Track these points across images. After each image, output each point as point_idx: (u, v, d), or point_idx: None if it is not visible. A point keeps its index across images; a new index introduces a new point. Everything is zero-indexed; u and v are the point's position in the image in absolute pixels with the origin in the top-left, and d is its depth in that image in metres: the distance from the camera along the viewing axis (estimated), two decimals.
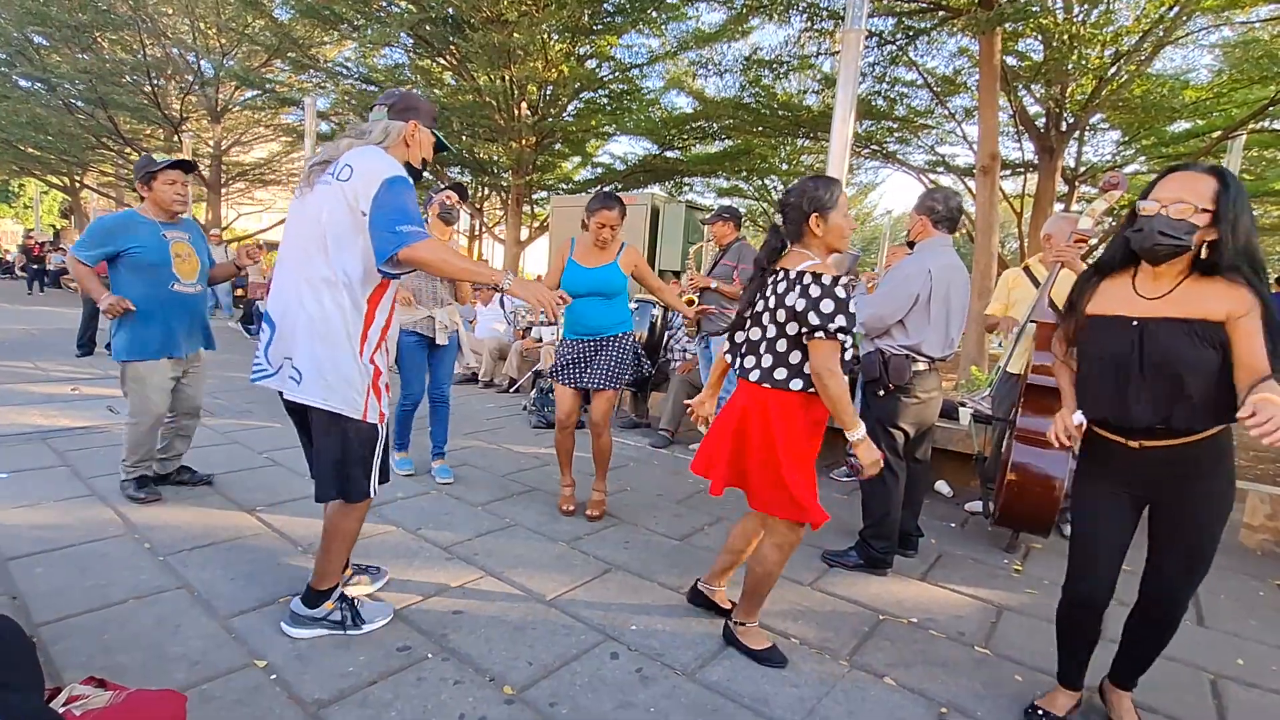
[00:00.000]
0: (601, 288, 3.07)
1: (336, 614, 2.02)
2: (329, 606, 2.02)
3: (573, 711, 1.75)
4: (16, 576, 2.23)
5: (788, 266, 1.92)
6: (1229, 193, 1.43)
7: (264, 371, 1.95)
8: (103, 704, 1.28)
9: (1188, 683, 2.10)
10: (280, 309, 1.90)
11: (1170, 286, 1.54)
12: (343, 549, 2.02)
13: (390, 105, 1.99)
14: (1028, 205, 11.05)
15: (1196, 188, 1.45)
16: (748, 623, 2.09)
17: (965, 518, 3.61)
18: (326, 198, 1.81)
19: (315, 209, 1.83)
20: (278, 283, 1.93)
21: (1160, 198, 1.49)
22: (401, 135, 1.96)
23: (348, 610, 2.04)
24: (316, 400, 1.85)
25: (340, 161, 1.83)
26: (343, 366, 1.84)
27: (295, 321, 1.85)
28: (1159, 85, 9.46)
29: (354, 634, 2.02)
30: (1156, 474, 1.61)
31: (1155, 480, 1.63)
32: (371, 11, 10.45)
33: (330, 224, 1.80)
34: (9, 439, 3.74)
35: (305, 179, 1.89)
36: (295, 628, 2.00)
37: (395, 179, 1.78)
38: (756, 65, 10.32)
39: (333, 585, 2.03)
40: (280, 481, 3.40)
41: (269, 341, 1.93)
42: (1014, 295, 3.40)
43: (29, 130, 14.47)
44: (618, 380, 3.10)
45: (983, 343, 7.06)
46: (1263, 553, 3.33)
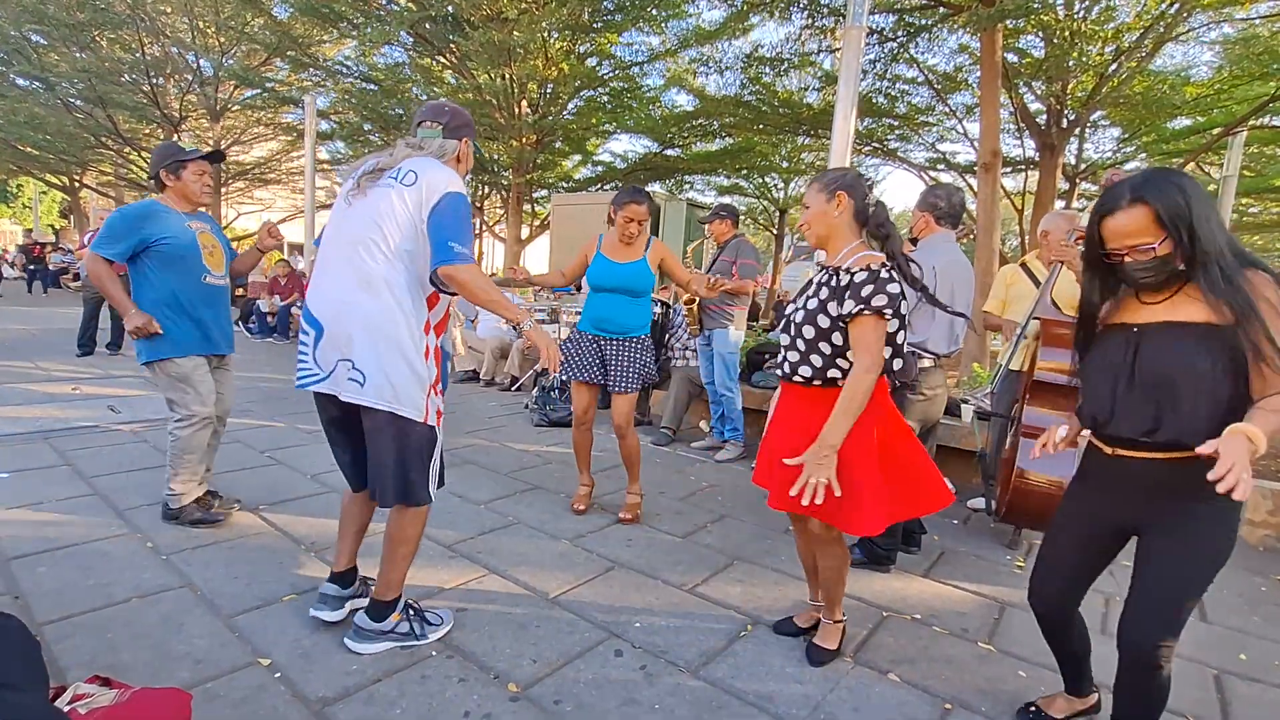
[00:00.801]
0: (630, 284, 3.01)
1: (404, 625, 1.97)
2: (396, 618, 1.96)
3: (577, 709, 1.74)
4: (19, 576, 2.23)
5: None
6: (1165, 215, 1.35)
7: (314, 375, 1.86)
8: (108, 702, 1.27)
9: (1191, 678, 2.10)
10: (330, 311, 1.82)
11: (1171, 291, 1.47)
12: (408, 557, 1.97)
13: (445, 124, 2.00)
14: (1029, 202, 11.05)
15: (1139, 223, 1.38)
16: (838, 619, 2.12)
17: (968, 514, 3.61)
18: (388, 200, 1.81)
19: (372, 211, 1.82)
20: (322, 285, 1.87)
21: (1114, 247, 1.44)
22: (456, 153, 1.98)
23: (415, 620, 2.00)
24: (382, 403, 1.79)
25: (401, 167, 1.85)
26: (407, 368, 1.81)
27: (351, 323, 1.80)
28: (1160, 82, 9.46)
29: (422, 643, 1.98)
30: (1135, 492, 1.50)
31: (1134, 500, 1.51)
32: (371, 9, 10.44)
33: (394, 226, 1.80)
34: (10, 439, 3.74)
35: (355, 185, 1.86)
36: (363, 643, 1.92)
37: (458, 195, 1.82)
38: (757, 63, 10.32)
39: (397, 596, 1.97)
40: (282, 480, 3.40)
41: (315, 344, 1.85)
42: (1011, 292, 3.39)
43: (27, 130, 14.46)
44: (640, 382, 3.07)
45: (984, 340, 7.06)
46: (1265, 548, 3.33)
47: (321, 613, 2.03)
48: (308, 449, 3.98)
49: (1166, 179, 1.39)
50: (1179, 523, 1.44)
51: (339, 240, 1.86)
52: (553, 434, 4.85)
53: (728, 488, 3.80)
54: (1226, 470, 1.14)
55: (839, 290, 1.80)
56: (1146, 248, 1.38)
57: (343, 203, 1.90)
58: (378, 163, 1.88)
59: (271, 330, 9.80)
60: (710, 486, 3.81)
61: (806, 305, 1.88)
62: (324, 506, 3.06)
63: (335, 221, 1.91)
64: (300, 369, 1.90)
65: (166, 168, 2.71)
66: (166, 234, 2.65)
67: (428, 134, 1.98)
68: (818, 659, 2.04)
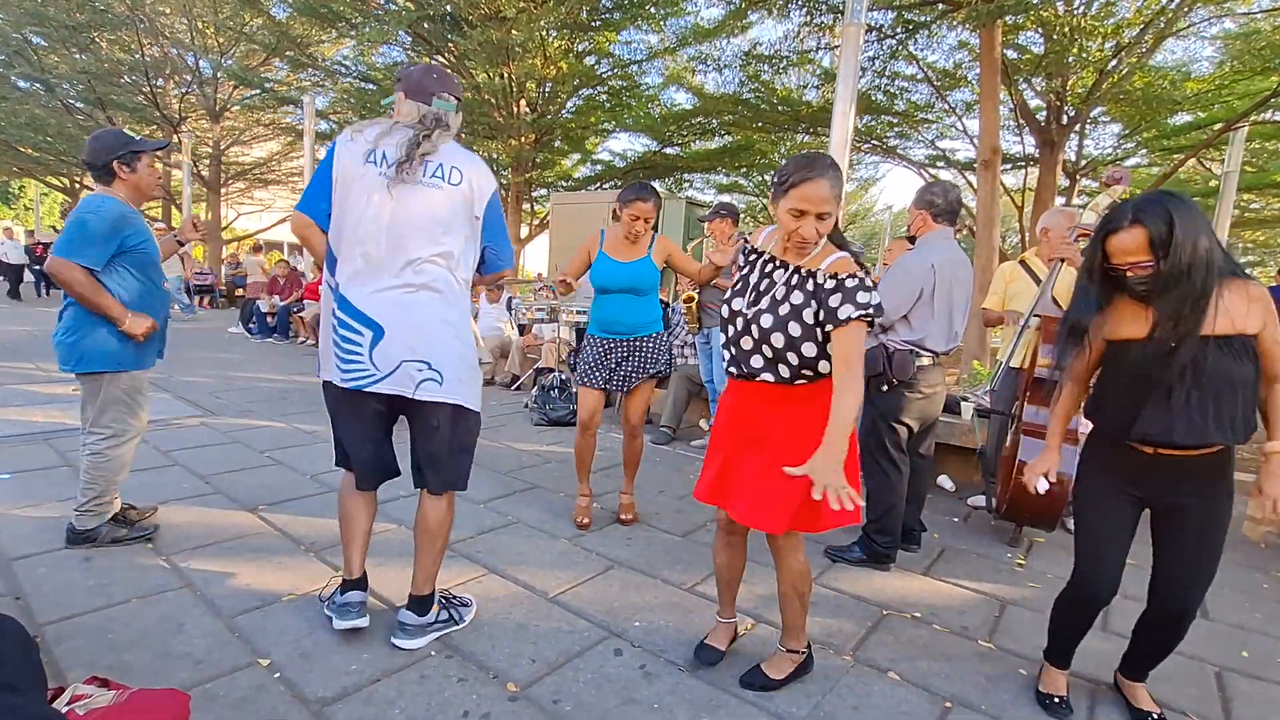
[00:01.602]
0: (635, 283, 2.89)
1: (444, 613, 2.05)
2: (436, 609, 2.02)
3: (576, 708, 1.74)
4: (20, 576, 2.23)
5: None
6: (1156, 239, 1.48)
7: (372, 376, 1.83)
8: (106, 703, 1.28)
9: (1193, 675, 2.10)
10: (393, 313, 1.81)
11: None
12: (444, 548, 2.05)
13: (458, 98, 1.99)
14: (1029, 199, 11.03)
15: (1136, 243, 1.51)
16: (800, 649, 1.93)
17: (968, 512, 3.61)
18: (441, 201, 1.83)
19: (425, 210, 1.82)
20: (374, 286, 1.81)
21: (1117, 264, 1.56)
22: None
23: (453, 606, 2.09)
24: (458, 398, 1.88)
25: (444, 164, 1.85)
26: (473, 362, 1.96)
27: (423, 324, 1.83)
28: (1160, 78, 9.44)
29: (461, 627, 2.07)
30: (1166, 478, 1.65)
31: (1163, 484, 1.66)
32: (369, 9, 10.44)
33: (449, 228, 1.84)
34: (11, 439, 3.74)
35: (394, 173, 1.79)
36: (412, 639, 1.95)
37: (497, 193, 1.96)
38: (756, 60, 10.31)
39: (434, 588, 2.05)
40: (282, 481, 3.40)
41: (372, 345, 1.82)
42: (1011, 289, 3.38)
43: (28, 131, 14.48)
44: (651, 372, 2.99)
45: (984, 337, 7.06)
46: (1266, 545, 3.32)
47: (354, 621, 1.97)
48: (307, 449, 3.98)
49: (1161, 204, 1.49)
50: (1208, 498, 1.64)
51: (389, 236, 1.80)
52: (552, 433, 4.85)
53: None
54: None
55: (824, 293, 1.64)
56: (1146, 265, 1.51)
57: (380, 188, 1.79)
58: (411, 144, 1.80)
59: (271, 330, 9.80)
60: None
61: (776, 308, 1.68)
62: (324, 507, 3.06)
63: (375, 211, 1.79)
64: (352, 369, 1.84)
65: (120, 158, 2.40)
66: (142, 237, 2.43)
67: (446, 106, 1.92)
68: (752, 681, 1.87)
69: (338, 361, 1.86)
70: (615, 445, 4.58)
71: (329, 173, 1.84)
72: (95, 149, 2.41)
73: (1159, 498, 1.69)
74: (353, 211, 1.81)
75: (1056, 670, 1.92)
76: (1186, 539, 1.66)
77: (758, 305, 1.72)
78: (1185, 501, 1.65)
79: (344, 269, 1.84)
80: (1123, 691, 1.92)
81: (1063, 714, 1.85)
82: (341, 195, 1.83)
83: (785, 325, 1.66)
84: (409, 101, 1.91)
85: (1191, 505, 1.64)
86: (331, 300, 1.88)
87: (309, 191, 1.88)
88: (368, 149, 1.82)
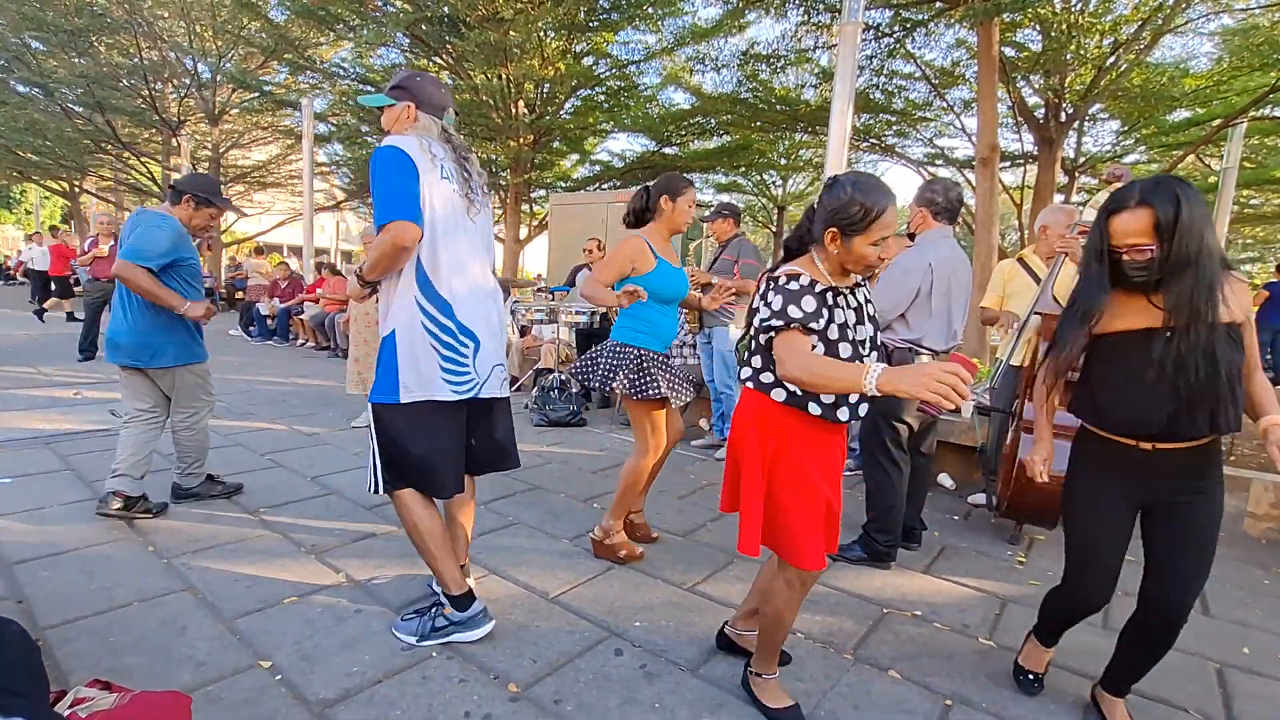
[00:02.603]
0: (684, 290, 2.65)
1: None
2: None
3: (577, 709, 1.75)
4: (22, 580, 2.24)
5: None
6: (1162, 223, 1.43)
7: (476, 383, 1.98)
8: (108, 706, 1.28)
9: (1193, 671, 2.10)
10: (487, 327, 2.00)
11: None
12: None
13: (451, 106, 2.06)
14: (1027, 197, 11.03)
15: (1141, 225, 1.46)
16: (764, 674, 1.78)
17: (968, 510, 3.61)
18: (490, 219, 2.09)
19: (486, 227, 2.06)
20: (474, 298, 1.95)
21: (1117, 244, 1.52)
22: None
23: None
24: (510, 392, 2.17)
25: (484, 181, 2.07)
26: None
27: (496, 329, 2.05)
28: (1158, 74, 9.43)
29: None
30: (1161, 475, 1.61)
31: (1159, 481, 1.62)
32: (367, 11, 10.44)
33: (493, 239, 2.12)
34: (12, 444, 3.75)
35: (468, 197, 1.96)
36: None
37: None
38: (754, 60, 10.30)
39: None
40: (283, 483, 3.40)
41: (475, 355, 1.97)
42: (1009, 287, 3.38)
43: (27, 136, 14.48)
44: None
45: (983, 336, 7.05)
46: (1267, 541, 3.33)
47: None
48: (308, 452, 3.99)
49: (1170, 188, 1.44)
50: (1202, 495, 1.59)
51: (472, 254, 1.97)
52: (553, 434, 4.85)
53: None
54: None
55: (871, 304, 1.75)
56: (1144, 248, 1.47)
57: (461, 210, 1.93)
58: (475, 170, 2.01)
59: (271, 333, 9.81)
60: (710, 485, 3.81)
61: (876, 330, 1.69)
62: (324, 509, 3.07)
63: (460, 230, 1.93)
64: (463, 380, 1.95)
65: (197, 198, 2.90)
66: (191, 255, 2.92)
67: (450, 120, 2.03)
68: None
69: (445, 375, 1.90)
70: (615, 445, 4.58)
71: (417, 178, 1.81)
72: (190, 180, 2.99)
73: (1156, 495, 1.63)
74: (445, 227, 1.89)
75: (1040, 646, 1.90)
76: (1184, 536, 1.61)
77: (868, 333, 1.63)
78: (1181, 498, 1.61)
79: (444, 283, 1.89)
80: (1101, 708, 1.82)
81: (1029, 689, 1.85)
82: (429, 208, 1.85)
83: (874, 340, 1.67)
84: (426, 115, 1.94)
85: (1188, 501, 1.60)
86: (434, 314, 1.88)
87: (407, 201, 1.77)
88: (438, 162, 1.89)
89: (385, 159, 1.79)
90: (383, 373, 1.91)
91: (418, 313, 1.87)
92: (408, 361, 1.87)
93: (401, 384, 1.87)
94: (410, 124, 1.93)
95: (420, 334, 1.87)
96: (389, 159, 1.79)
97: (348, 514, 3.01)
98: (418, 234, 1.80)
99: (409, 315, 1.87)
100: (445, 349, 1.89)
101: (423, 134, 1.91)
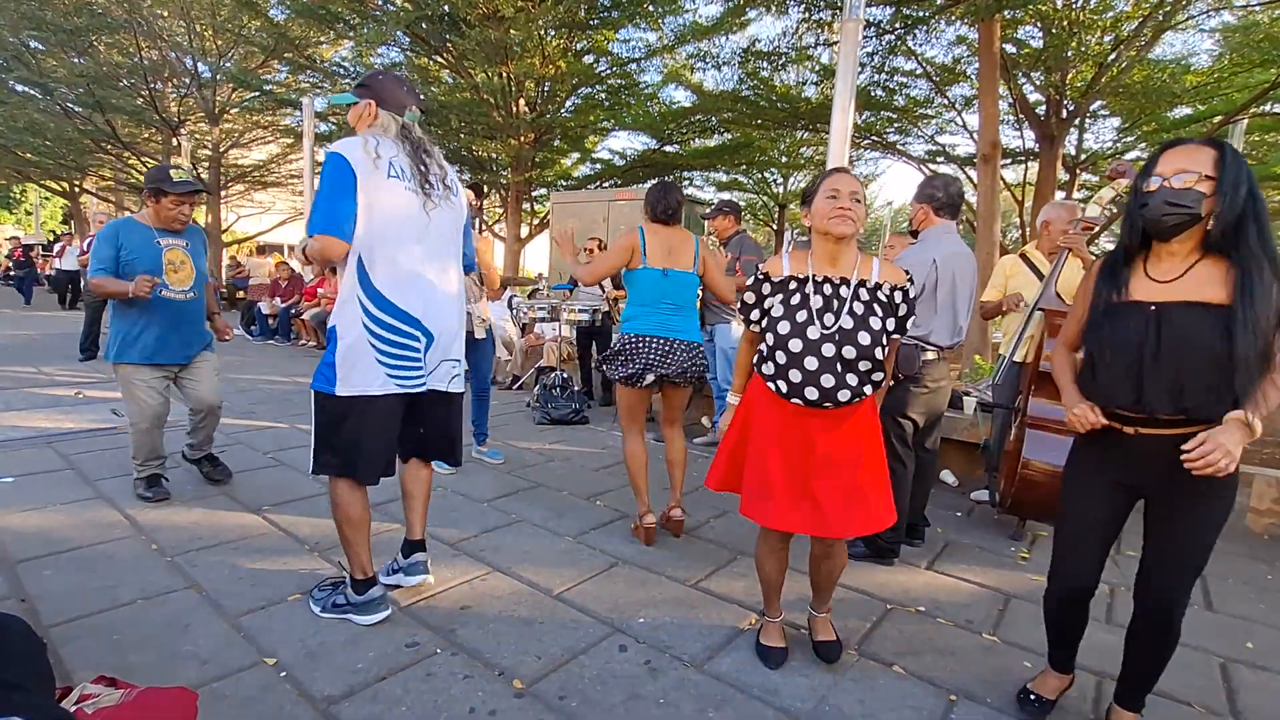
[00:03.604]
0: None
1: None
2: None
3: (582, 704, 1.75)
4: (25, 579, 2.24)
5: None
6: (1227, 161, 1.40)
7: (422, 378, 2.06)
8: (114, 702, 1.28)
9: (1198, 667, 2.10)
10: (441, 323, 2.06)
11: (1184, 268, 1.48)
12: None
13: (417, 104, 2.07)
14: (1029, 194, 11.01)
15: (1197, 158, 1.42)
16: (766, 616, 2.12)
17: (971, 506, 3.61)
18: (454, 215, 2.11)
19: (449, 225, 2.08)
20: (427, 296, 2.00)
21: (1162, 171, 1.46)
22: None
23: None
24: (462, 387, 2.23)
25: (449, 177, 2.10)
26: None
27: (453, 326, 2.12)
28: (1159, 71, 9.42)
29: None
30: (1151, 463, 1.54)
31: (1149, 470, 1.55)
32: (367, 10, 10.42)
33: (459, 235, 2.14)
34: (14, 443, 3.75)
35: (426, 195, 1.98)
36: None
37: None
38: (754, 57, 10.28)
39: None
40: (285, 482, 3.40)
41: (427, 349, 2.05)
42: (1012, 283, 3.38)
43: (27, 136, 14.48)
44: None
45: (986, 332, 7.05)
46: (1270, 536, 3.32)
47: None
48: (310, 450, 3.98)
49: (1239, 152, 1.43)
50: (1195, 490, 1.50)
51: (429, 251, 2.01)
52: (555, 432, 4.85)
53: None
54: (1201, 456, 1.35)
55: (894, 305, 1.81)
56: (1190, 175, 1.41)
57: (416, 206, 1.96)
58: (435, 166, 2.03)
59: (273, 333, 9.81)
60: None
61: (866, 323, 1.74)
62: (327, 507, 3.04)
63: (417, 228, 1.97)
64: (412, 372, 2.01)
65: (150, 190, 2.95)
66: (129, 249, 2.91)
67: (413, 117, 2.05)
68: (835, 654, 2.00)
69: (387, 370, 1.95)
70: (618, 443, 4.58)
71: (353, 190, 1.85)
72: (147, 176, 3.03)
73: (1146, 486, 1.58)
74: (388, 225, 1.91)
75: (1051, 672, 1.84)
76: (1168, 538, 1.56)
77: (839, 324, 1.74)
78: (1167, 488, 1.54)
79: (386, 282, 1.92)
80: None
81: (1032, 712, 1.78)
82: (367, 210, 1.88)
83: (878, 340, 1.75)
84: (385, 113, 1.98)
85: (1182, 501, 1.53)
86: (374, 313, 1.92)
87: (334, 216, 1.85)
88: (383, 163, 1.90)
89: (329, 167, 1.87)
90: (324, 362, 1.97)
91: (359, 312, 1.92)
92: (345, 358, 1.93)
93: (339, 377, 1.94)
94: (370, 121, 1.99)
95: (359, 333, 1.92)
96: (332, 168, 1.86)
97: None
98: (341, 251, 1.89)
99: (351, 314, 1.93)
100: (387, 345, 1.95)
101: (378, 133, 1.96)
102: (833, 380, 1.73)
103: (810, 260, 1.81)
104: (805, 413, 1.78)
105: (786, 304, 1.79)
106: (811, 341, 1.74)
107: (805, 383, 1.74)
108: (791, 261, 1.84)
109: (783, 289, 1.82)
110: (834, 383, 1.73)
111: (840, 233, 1.74)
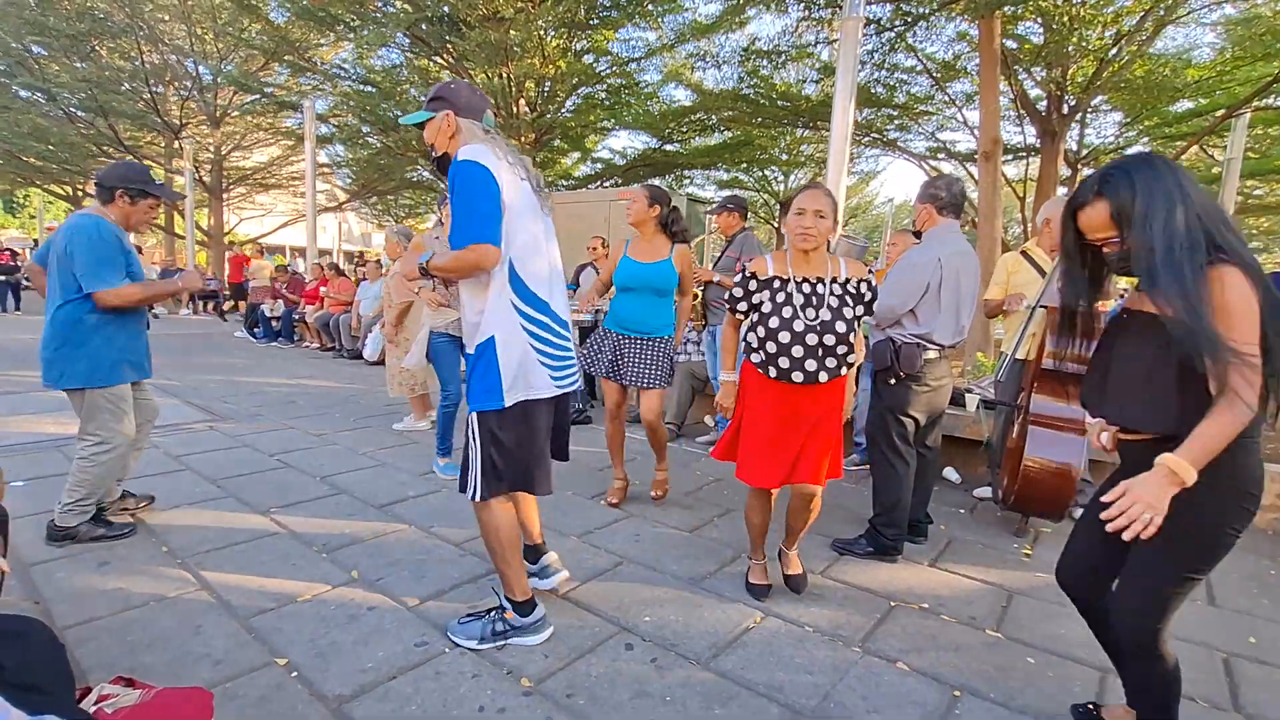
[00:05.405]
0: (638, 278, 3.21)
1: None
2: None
3: (589, 702, 1.77)
4: (39, 582, 2.27)
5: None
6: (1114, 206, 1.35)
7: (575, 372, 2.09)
8: (133, 702, 1.30)
9: (1200, 661, 2.11)
10: (569, 315, 2.09)
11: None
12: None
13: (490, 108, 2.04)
14: (1030, 190, 11.00)
15: (1101, 218, 1.38)
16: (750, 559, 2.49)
17: (974, 504, 3.62)
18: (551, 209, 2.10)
19: (552, 225, 2.07)
20: (562, 294, 2.02)
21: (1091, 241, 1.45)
22: None
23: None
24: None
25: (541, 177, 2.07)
26: None
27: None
28: (1161, 65, 9.40)
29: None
30: (1128, 470, 1.45)
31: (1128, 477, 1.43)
32: (367, 12, 10.45)
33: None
34: (25, 447, 3.79)
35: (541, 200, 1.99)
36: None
37: None
38: (754, 56, 10.29)
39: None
40: (293, 483, 3.43)
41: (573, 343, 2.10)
42: (1014, 280, 3.38)
43: (30, 140, 14.54)
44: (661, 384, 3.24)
45: (988, 330, 7.05)
46: (1273, 532, 3.33)
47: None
48: (317, 452, 4.02)
49: (1124, 171, 1.35)
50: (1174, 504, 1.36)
51: (553, 251, 2.03)
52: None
53: (733, 482, 3.80)
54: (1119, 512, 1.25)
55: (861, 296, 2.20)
56: (1115, 240, 1.38)
57: (537, 205, 1.95)
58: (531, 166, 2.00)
59: (276, 335, 9.85)
60: (716, 481, 3.83)
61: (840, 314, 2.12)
62: (334, 509, 3.09)
63: (545, 228, 1.99)
64: (564, 371, 2.01)
65: (129, 190, 2.58)
66: (134, 259, 2.64)
67: (489, 122, 2.00)
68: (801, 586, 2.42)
69: (550, 372, 1.94)
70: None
71: (498, 196, 1.80)
72: (113, 173, 2.62)
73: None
74: (528, 227, 1.89)
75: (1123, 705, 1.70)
76: (1136, 550, 1.44)
77: (819, 317, 2.11)
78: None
79: (536, 280, 1.91)
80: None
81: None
82: (512, 215, 1.84)
83: (851, 327, 2.12)
84: (465, 120, 1.92)
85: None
86: (531, 314, 1.89)
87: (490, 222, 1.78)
88: (516, 167, 1.89)
89: (469, 176, 1.76)
90: (480, 380, 1.87)
91: (516, 317, 1.86)
92: (510, 366, 1.85)
93: (505, 388, 1.86)
94: (451, 131, 1.92)
95: (522, 338, 1.87)
96: (473, 176, 1.76)
97: (358, 513, 3.04)
98: (497, 258, 1.81)
99: (509, 322, 1.86)
100: (547, 345, 1.93)
101: (467, 139, 1.89)
102: (815, 364, 2.11)
103: (789, 262, 2.18)
104: (793, 390, 2.16)
105: (774, 301, 2.15)
106: (798, 333, 2.10)
107: (793, 368, 2.11)
108: (774, 263, 2.20)
109: (768, 287, 2.18)
110: (816, 366, 2.11)
111: (801, 248, 2.14)
